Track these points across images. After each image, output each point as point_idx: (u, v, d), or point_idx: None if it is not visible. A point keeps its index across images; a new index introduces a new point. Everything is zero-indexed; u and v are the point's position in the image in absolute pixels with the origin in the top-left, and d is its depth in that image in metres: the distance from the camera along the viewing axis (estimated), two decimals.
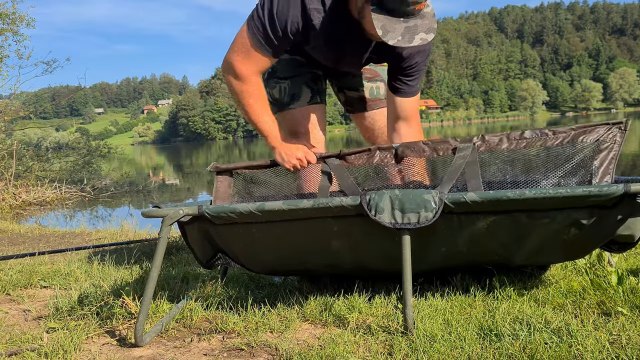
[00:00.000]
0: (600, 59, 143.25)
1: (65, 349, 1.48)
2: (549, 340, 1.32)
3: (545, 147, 1.78)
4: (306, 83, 2.22)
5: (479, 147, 1.82)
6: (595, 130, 1.74)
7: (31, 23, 10.36)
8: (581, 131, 1.76)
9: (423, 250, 1.57)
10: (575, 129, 1.78)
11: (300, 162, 1.94)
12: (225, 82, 1.98)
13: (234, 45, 1.91)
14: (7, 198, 8.40)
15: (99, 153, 12.29)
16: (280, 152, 1.97)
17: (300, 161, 1.94)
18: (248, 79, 1.92)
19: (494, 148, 1.82)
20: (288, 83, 2.21)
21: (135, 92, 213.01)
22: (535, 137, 1.79)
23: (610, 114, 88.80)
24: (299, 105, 2.21)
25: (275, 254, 1.73)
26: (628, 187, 1.37)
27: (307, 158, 1.95)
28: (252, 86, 1.94)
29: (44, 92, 20.98)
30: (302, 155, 1.94)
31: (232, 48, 1.92)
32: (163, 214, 1.52)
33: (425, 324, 1.47)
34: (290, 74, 2.21)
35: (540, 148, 1.79)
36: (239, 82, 1.93)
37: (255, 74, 1.93)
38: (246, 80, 1.92)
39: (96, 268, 2.54)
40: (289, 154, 1.95)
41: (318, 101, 2.25)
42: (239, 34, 1.90)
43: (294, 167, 1.95)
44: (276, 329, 1.57)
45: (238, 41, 1.90)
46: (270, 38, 1.84)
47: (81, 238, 3.95)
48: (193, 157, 33.59)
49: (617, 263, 1.97)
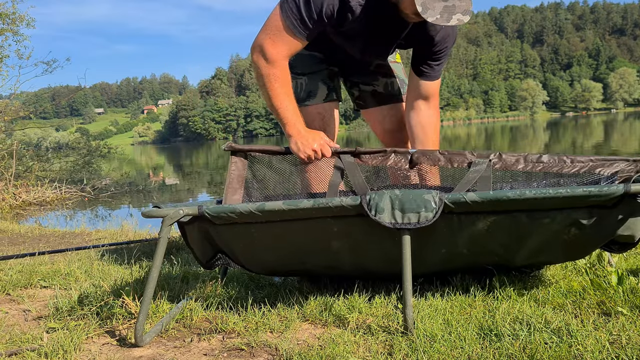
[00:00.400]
0: (600, 59, 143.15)
1: (65, 349, 1.48)
2: (549, 340, 1.32)
3: (560, 174, 1.80)
4: (323, 80, 2.24)
5: (494, 164, 1.83)
6: (614, 165, 1.75)
7: (31, 23, 10.36)
8: (600, 163, 1.76)
9: (423, 250, 1.57)
10: (594, 160, 1.78)
11: (315, 153, 1.93)
12: (252, 65, 1.98)
13: (265, 27, 1.91)
14: (7, 198, 8.40)
15: (99, 153, 12.30)
16: (296, 141, 1.95)
17: (315, 153, 1.93)
18: (277, 62, 1.92)
19: (510, 167, 1.84)
20: (305, 79, 2.23)
21: (135, 92, 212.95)
22: (553, 162, 1.80)
23: (610, 114, 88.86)
24: (314, 102, 2.23)
25: (275, 254, 1.72)
26: (628, 187, 1.37)
27: (323, 150, 1.94)
28: (280, 70, 1.94)
29: (44, 92, 20.96)
30: (318, 147, 1.93)
31: (263, 30, 1.92)
32: (163, 214, 1.52)
33: (425, 324, 1.47)
34: (309, 70, 2.23)
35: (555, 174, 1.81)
36: (267, 65, 1.93)
37: (285, 57, 1.94)
38: (275, 63, 1.92)
39: (96, 268, 2.54)
40: (305, 144, 1.93)
41: (334, 98, 2.27)
42: (272, 15, 1.90)
43: (308, 157, 1.94)
44: (276, 329, 1.57)
45: (270, 23, 1.90)
46: (304, 21, 1.85)
47: (81, 238, 3.95)
48: (193, 157, 33.59)
49: (617, 263, 1.97)
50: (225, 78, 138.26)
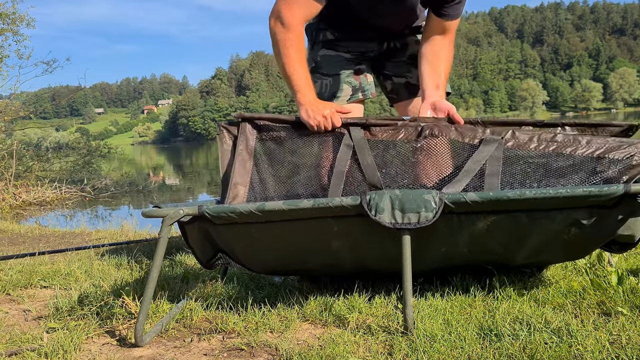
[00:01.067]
0: (600, 59, 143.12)
1: (65, 349, 1.48)
2: (549, 340, 1.32)
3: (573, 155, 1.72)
4: (348, 81, 2.26)
5: (506, 141, 1.78)
6: (632, 147, 1.67)
7: (31, 23, 10.37)
8: (616, 144, 1.68)
9: (423, 250, 1.57)
10: (610, 142, 1.68)
11: (325, 120, 1.90)
12: (270, 32, 2.00)
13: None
14: (7, 198, 8.40)
15: (99, 153, 12.30)
16: (307, 109, 1.92)
17: (325, 119, 1.90)
18: (293, 27, 1.95)
19: (522, 147, 1.77)
20: (330, 81, 2.26)
21: (135, 92, 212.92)
22: (567, 142, 1.73)
23: (610, 114, 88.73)
24: (337, 103, 2.23)
25: (275, 254, 1.73)
26: (628, 187, 1.37)
27: (333, 119, 1.91)
28: (296, 35, 1.96)
29: (44, 92, 20.97)
30: (329, 114, 1.91)
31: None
32: (163, 214, 1.52)
33: (425, 324, 1.47)
34: (334, 72, 2.26)
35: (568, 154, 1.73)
36: (283, 30, 1.95)
37: (301, 22, 1.97)
38: (291, 28, 1.94)
39: (96, 268, 2.54)
40: (315, 110, 1.91)
41: (359, 98, 2.29)
42: None
43: (318, 125, 1.91)
44: (276, 329, 1.57)
45: None
46: None
47: (81, 238, 3.95)
48: (193, 157, 33.58)
49: (617, 263, 1.97)
50: (225, 78, 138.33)
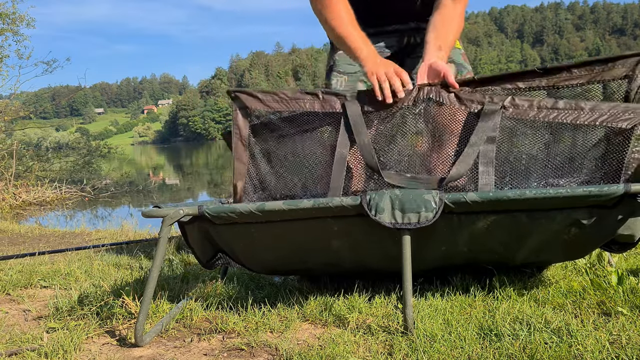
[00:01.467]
0: None
1: (65, 349, 1.48)
2: (549, 340, 1.32)
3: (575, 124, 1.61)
4: (364, 80, 2.27)
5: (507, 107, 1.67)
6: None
7: (31, 23, 10.39)
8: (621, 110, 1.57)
9: (423, 250, 1.57)
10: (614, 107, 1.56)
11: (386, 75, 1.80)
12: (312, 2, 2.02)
13: None
14: (7, 198, 8.40)
15: (99, 153, 12.31)
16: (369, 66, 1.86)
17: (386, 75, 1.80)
18: None
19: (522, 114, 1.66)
20: (346, 78, 2.28)
21: (135, 92, 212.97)
22: (569, 108, 1.59)
23: None
24: None
25: (275, 254, 1.73)
26: (628, 187, 1.37)
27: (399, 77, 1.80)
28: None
29: (44, 92, 21.00)
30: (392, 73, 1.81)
31: None
32: (163, 214, 1.52)
33: (425, 324, 1.47)
34: (351, 70, 2.28)
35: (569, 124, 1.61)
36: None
37: None
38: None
39: (96, 268, 2.54)
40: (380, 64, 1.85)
41: None
42: None
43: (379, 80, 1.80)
44: (276, 329, 1.57)
45: None
46: None
47: (81, 238, 3.95)
48: (193, 157, 33.59)
49: (617, 263, 1.97)
50: (225, 78, 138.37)
